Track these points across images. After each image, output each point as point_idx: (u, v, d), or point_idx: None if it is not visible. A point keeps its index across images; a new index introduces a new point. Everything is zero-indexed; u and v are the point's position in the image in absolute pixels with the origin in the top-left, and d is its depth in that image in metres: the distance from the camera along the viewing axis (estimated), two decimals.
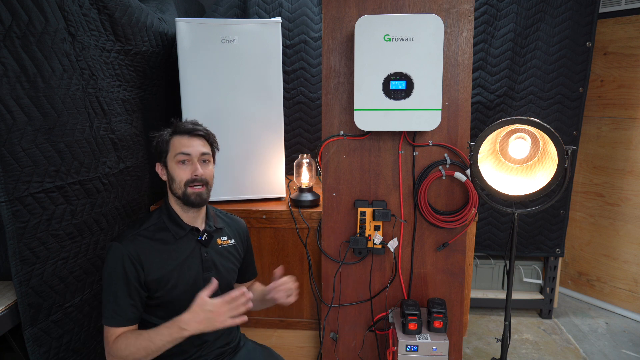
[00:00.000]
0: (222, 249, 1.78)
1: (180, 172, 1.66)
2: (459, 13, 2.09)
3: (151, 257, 1.60)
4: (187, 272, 1.66)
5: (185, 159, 1.66)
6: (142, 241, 1.61)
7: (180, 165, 1.66)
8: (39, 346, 1.69)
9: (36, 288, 1.68)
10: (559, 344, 3.07)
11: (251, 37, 2.39)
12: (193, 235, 1.71)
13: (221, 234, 1.81)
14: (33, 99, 1.62)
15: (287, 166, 2.82)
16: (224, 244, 1.80)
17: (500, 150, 1.96)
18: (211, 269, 1.71)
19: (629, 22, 3.19)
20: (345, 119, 2.19)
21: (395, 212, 2.22)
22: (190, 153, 1.66)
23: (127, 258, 1.56)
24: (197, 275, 1.68)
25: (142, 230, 1.64)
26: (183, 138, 1.68)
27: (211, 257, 1.73)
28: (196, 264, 1.69)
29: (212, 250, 1.74)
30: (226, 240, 1.81)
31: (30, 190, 1.63)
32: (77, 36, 1.85)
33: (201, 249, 1.71)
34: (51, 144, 1.72)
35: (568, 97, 3.04)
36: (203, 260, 1.70)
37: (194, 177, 1.65)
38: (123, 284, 1.55)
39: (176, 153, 1.66)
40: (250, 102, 2.45)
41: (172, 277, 1.63)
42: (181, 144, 1.67)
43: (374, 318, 2.31)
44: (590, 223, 3.57)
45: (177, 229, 1.68)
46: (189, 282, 1.65)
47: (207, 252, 1.72)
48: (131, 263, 1.56)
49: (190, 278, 1.66)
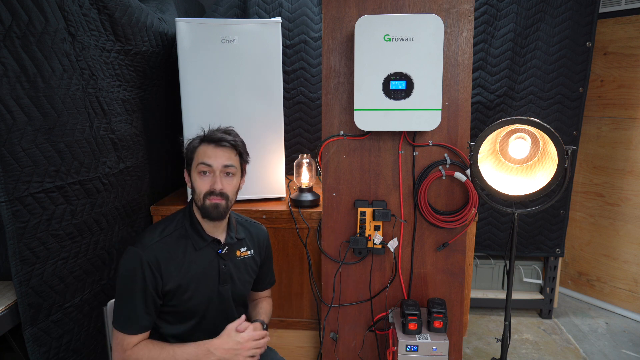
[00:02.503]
0: (240, 261, 1.74)
1: (201, 183, 1.59)
2: (459, 13, 2.09)
3: (171, 266, 1.56)
4: (204, 284, 1.63)
5: (207, 170, 1.59)
6: (162, 249, 1.56)
7: (202, 176, 1.60)
8: (39, 346, 1.69)
9: (36, 288, 1.68)
10: (559, 344, 3.06)
11: (251, 37, 2.39)
12: (213, 248, 1.67)
13: (241, 245, 1.76)
14: (33, 99, 1.62)
15: (287, 166, 2.82)
16: (243, 256, 1.75)
17: (500, 150, 1.95)
18: (227, 281, 1.68)
19: (629, 22, 3.18)
20: (345, 119, 2.18)
21: (395, 212, 2.22)
22: (211, 164, 1.58)
23: (147, 266, 1.51)
24: (213, 286, 1.66)
25: (164, 237, 1.59)
26: (209, 147, 1.60)
27: (229, 269, 1.69)
28: (213, 276, 1.65)
29: (230, 262, 1.70)
30: (245, 252, 1.76)
31: (30, 190, 1.63)
32: (77, 36, 1.85)
33: (219, 261, 1.67)
34: (51, 144, 1.71)
35: (568, 97, 3.03)
36: (220, 273, 1.67)
37: (212, 190, 1.58)
38: (141, 292, 1.51)
39: (198, 163, 1.59)
40: (250, 102, 2.45)
41: (189, 287, 1.60)
42: (205, 154, 1.59)
43: (374, 318, 2.30)
44: (590, 223, 3.57)
45: (199, 239, 1.64)
46: (205, 294, 1.63)
47: (225, 265, 1.68)
48: (151, 271, 1.52)
49: (207, 289, 1.64)
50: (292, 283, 2.50)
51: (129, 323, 1.52)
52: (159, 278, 1.54)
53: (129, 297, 1.52)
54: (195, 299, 1.61)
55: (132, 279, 1.51)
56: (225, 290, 1.64)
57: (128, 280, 1.52)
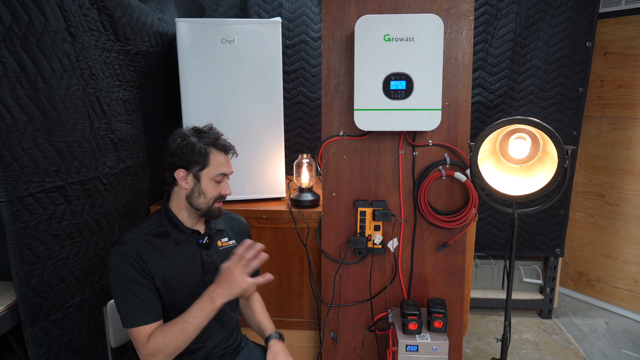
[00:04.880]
0: (222, 251, 1.76)
1: (213, 189, 1.66)
2: (459, 13, 2.08)
3: (153, 260, 1.57)
4: (189, 276, 1.64)
5: (222, 179, 1.68)
6: (142, 245, 1.57)
7: (216, 185, 1.66)
8: (39, 346, 1.69)
9: (36, 288, 1.68)
10: (559, 344, 3.06)
11: (251, 37, 2.39)
12: (194, 239, 1.69)
13: (222, 235, 1.79)
14: (33, 99, 1.63)
15: (287, 166, 2.82)
16: (225, 246, 1.78)
17: (500, 150, 1.95)
18: (212, 271, 1.68)
19: (629, 22, 3.18)
20: (345, 119, 2.18)
21: (395, 212, 2.22)
22: (227, 174, 1.69)
23: (130, 257, 1.52)
24: (198, 278, 1.67)
25: (141, 234, 1.60)
26: (221, 155, 1.67)
27: (212, 259, 1.71)
28: (197, 267, 1.67)
29: (213, 252, 1.73)
30: (227, 242, 1.80)
31: (30, 190, 1.63)
32: (77, 36, 1.85)
33: (202, 252, 1.69)
34: (51, 144, 1.72)
35: (568, 97, 3.03)
36: (204, 264, 1.69)
37: (222, 195, 1.68)
38: (134, 283, 1.52)
39: (217, 173, 1.65)
40: (250, 102, 2.45)
41: (174, 280, 1.61)
42: (222, 163, 1.66)
43: (374, 318, 2.30)
44: (590, 223, 3.57)
45: (178, 233, 1.66)
46: (191, 286, 1.64)
47: (207, 255, 1.70)
48: (135, 260, 1.52)
49: (192, 281, 1.65)
50: (292, 283, 2.49)
51: (134, 316, 1.51)
52: (144, 265, 1.54)
53: (125, 291, 1.52)
54: (182, 291, 1.62)
55: (122, 274, 1.52)
56: (211, 281, 1.63)
57: (119, 277, 1.52)
